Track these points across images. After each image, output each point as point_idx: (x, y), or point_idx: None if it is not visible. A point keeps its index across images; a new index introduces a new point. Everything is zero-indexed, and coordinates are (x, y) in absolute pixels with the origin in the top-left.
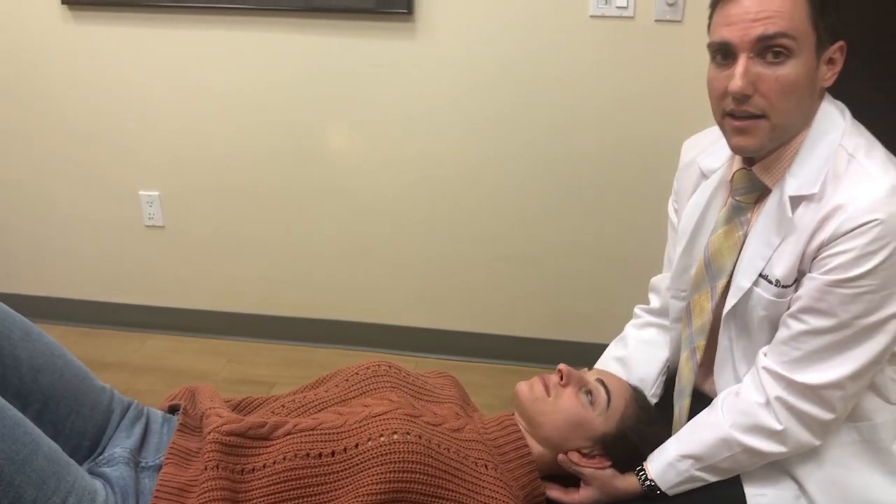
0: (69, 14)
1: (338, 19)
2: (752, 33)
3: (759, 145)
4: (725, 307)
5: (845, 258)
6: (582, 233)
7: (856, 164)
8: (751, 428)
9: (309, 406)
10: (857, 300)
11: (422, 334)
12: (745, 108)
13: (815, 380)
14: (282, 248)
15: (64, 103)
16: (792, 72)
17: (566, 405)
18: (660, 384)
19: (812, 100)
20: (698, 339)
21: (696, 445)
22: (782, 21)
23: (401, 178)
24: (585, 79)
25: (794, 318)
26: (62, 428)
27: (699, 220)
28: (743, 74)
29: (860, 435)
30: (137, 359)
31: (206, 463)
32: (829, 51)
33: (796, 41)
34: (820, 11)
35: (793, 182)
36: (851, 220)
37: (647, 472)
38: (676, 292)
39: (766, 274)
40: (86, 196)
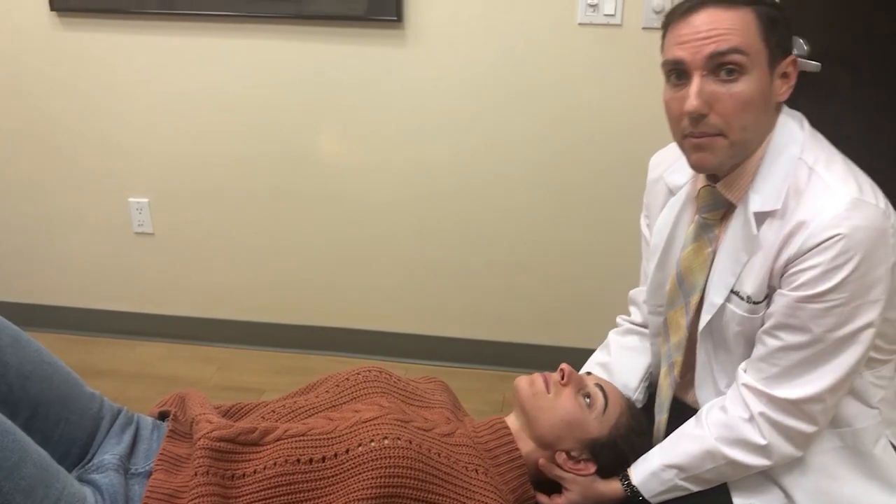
0: (58, 20)
1: (327, 26)
2: (704, 51)
3: (718, 163)
4: (700, 323)
5: (812, 274)
6: (572, 238)
7: (816, 178)
8: (735, 441)
9: (299, 411)
10: (828, 314)
11: (413, 340)
12: (701, 129)
13: (795, 394)
14: (272, 254)
15: (53, 110)
16: (746, 88)
17: (564, 404)
18: (642, 390)
19: (768, 115)
20: (675, 355)
21: (681, 456)
22: (734, 38)
23: (391, 185)
24: (574, 86)
25: (769, 335)
26: (51, 435)
27: (669, 235)
28: (697, 94)
29: (842, 441)
30: (128, 366)
31: (197, 469)
32: (782, 65)
33: (748, 57)
34: (770, 27)
35: (756, 198)
36: (815, 236)
37: (631, 478)
38: (653, 308)
39: (737, 290)
40: (75, 203)
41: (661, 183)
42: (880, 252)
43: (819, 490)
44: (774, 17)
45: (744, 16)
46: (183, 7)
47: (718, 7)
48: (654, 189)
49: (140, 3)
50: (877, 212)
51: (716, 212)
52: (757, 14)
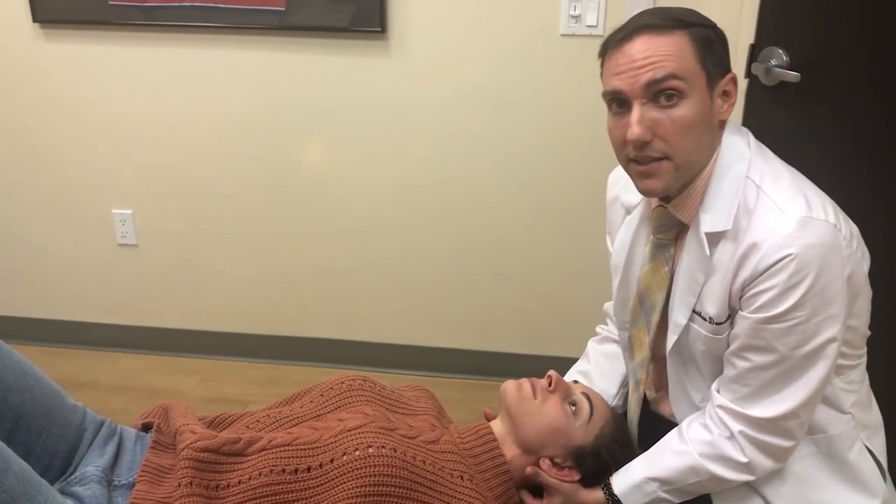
0: (41, 32)
1: (312, 38)
2: (641, 80)
3: (665, 186)
4: (668, 344)
5: (770, 295)
6: (555, 249)
7: (764, 197)
8: (718, 458)
9: (284, 421)
10: (791, 332)
11: (397, 350)
12: (646, 154)
13: (770, 413)
14: (255, 265)
15: (35, 121)
16: (687, 112)
17: (550, 410)
18: (622, 396)
19: (711, 135)
20: (640, 373)
21: (664, 470)
22: (669, 64)
23: (374, 196)
24: (557, 96)
25: (737, 357)
26: (33, 447)
27: (628, 254)
28: (639, 122)
29: (818, 447)
30: (111, 378)
31: (180, 480)
32: (721, 85)
33: (686, 81)
34: (705, 49)
35: (706, 218)
36: (767, 258)
37: (612, 488)
38: (621, 323)
39: (698, 310)
40: (58, 215)
41: (617, 202)
42: (835, 267)
43: (798, 497)
44: (709, 38)
45: (678, 40)
46: (166, 19)
47: (652, 34)
48: (612, 208)
49: (123, 15)
50: (827, 227)
51: (669, 232)
52: (691, 37)
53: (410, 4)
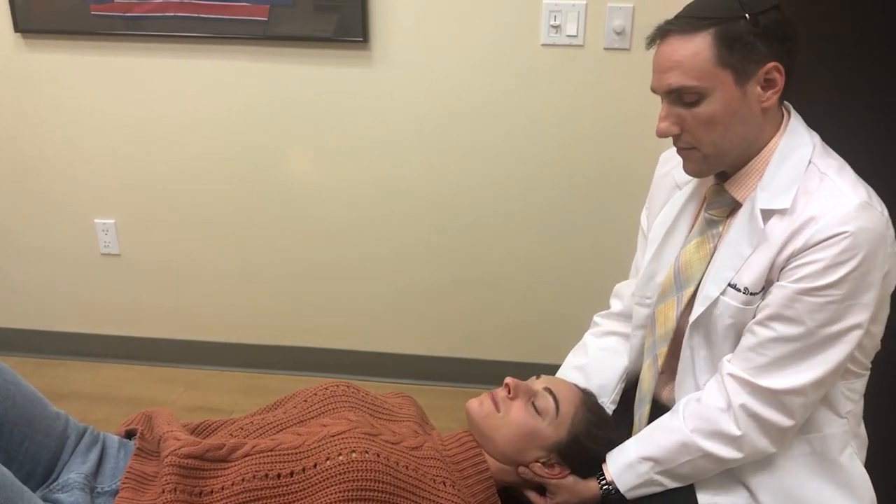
0: (22, 42)
1: (294, 47)
2: (663, 84)
3: (698, 171)
4: (692, 316)
5: (815, 267)
6: (538, 255)
7: (828, 181)
8: (711, 433)
9: (267, 427)
10: (823, 309)
11: (381, 358)
12: (678, 144)
13: (779, 385)
14: (239, 274)
15: (17, 131)
16: (708, 109)
17: (516, 418)
18: (618, 391)
19: (749, 123)
20: (661, 347)
21: (657, 448)
22: (682, 75)
23: (357, 205)
24: (538, 105)
25: (762, 325)
26: (15, 454)
27: (669, 229)
28: (664, 118)
29: (811, 447)
30: (93, 388)
31: (164, 486)
32: (759, 75)
33: (702, 86)
34: (729, 48)
35: (763, 195)
36: (822, 232)
37: (606, 472)
38: (641, 299)
39: (734, 283)
40: (40, 224)
41: (668, 178)
42: (880, 256)
43: (784, 491)
44: (736, 33)
45: (699, 44)
46: (149, 28)
47: (678, 35)
48: (660, 183)
49: (106, 25)
50: (882, 219)
51: (722, 209)
52: (714, 37)
53: (392, 14)
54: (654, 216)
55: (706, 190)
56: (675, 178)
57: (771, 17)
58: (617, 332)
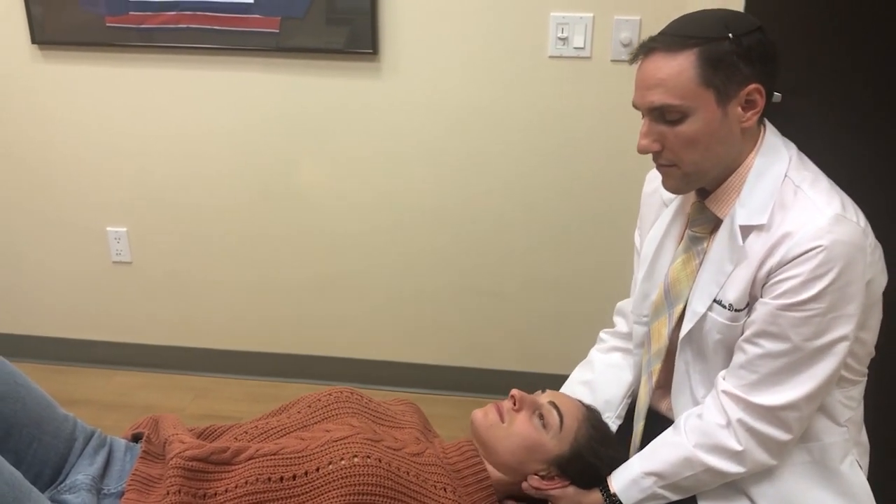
0: (39, 53)
1: (305, 59)
2: (646, 101)
3: (677, 187)
4: (682, 332)
5: (793, 283)
6: (546, 266)
7: (802, 195)
8: (712, 448)
9: (271, 432)
10: (806, 323)
11: (389, 367)
12: (659, 161)
13: (773, 401)
14: (249, 283)
15: (33, 140)
16: (690, 129)
17: (519, 430)
18: (624, 406)
19: (728, 143)
20: (654, 364)
21: (660, 464)
22: (666, 94)
23: (367, 214)
24: (545, 116)
25: (750, 343)
26: (24, 455)
27: (658, 247)
28: (645, 134)
29: (811, 455)
30: (104, 395)
31: (169, 488)
32: (740, 96)
33: (685, 104)
34: (713, 68)
35: (742, 212)
36: (798, 247)
37: (611, 487)
38: (638, 318)
39: (719, 299)
40: (53, 233)
41: (655, 196)
42: (858, 267)
43: (784, 501)
44: (720, 54)
45: (682, 63)
46: (162, 40)
47: (663, 53)
48: (649, 201)
49: (121, 37)
50: (857, 229)
51: (705, 226)
52: (699, 57)
53: (402, 27)
54: (645, 234)
55: (689, 207)
56: (662, 195)
57: (754, 38)
58: (622, 349)
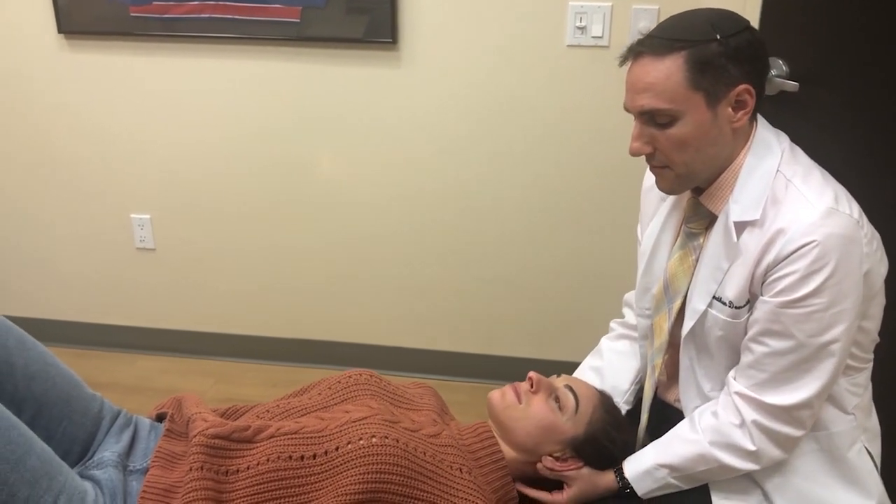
0: (65, 42)
1: (325, 48)
2: (636, 105)
3: (670, 188)
4: (683, 329)
5: (791, 280)
6: (561, 254)
7: (793, 190)
8: (727, 446)
9: (292, 411)
10: (809, 319)
11: (408, 354)
12: (651, 163)
13: (786, 401)
14: (270, 270)
15: (58, 129)
16: (680, 131)
17: (536, 411)
18: (632, 392)
19: (719, 144)
20: (657, 358)
21: (675, 458)
22: (655, 98)
23: (384, 203)
24: (563, 105)
25: (755, 342)
26: (54, 433)
27: (655, 242)
28: (637, 137)
29: (818, 444)
30: (128, 379)
31: (192, 464)
32: (730, 97)
33: (674, 108)
34: (701, 71)
35: (735, 208)
36: (792, 243)
37: (625, 472)
38: (641, 311)
39: (719, 296)
40: (78, 219)
41: (654, 191)
42: (854, 259)
43: (796, 491)
44: (708, 57)
45: (670, 66)
46: (185, 30)
47: (651, 56)
48: (647, 197)
49: (144, 26)
50: (850, 221)
51: (700, 222)
52: (686, 60)
53: (421, 16)
54: (645, 229)
55: (685, 203)
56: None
57: (742, 38)
58: (630, 337)
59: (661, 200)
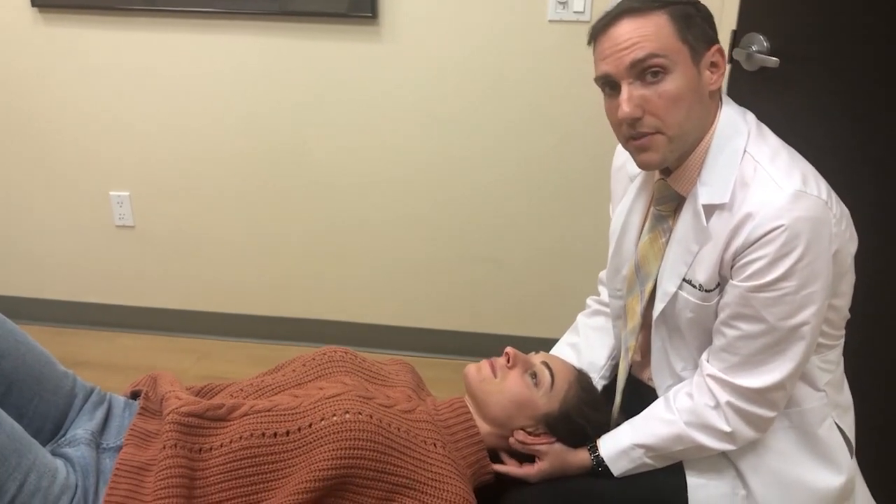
0: (39, 16)
1: (306, 23)
2: (625, 61)
3: (661, 158)
4: (654, 311)
5: (760, 264)
6: (544, 231)
7: (761, 171)
8: (702, 427)
9: (266, 389)
10: (779, 302)
11: (389, 331)
12: (640, 130)
13: (759, 383)
14: (251, 247)
15: (34, 105)
16: (673, 85)
17: (511, 385)
18: (609, 367)
19: (703, 106)
20: (630, 340)
21: (652, 438)
22: (649, 44)
23: (367, 179)
24: (545, 81)
25: (727, 326)
26: (25, 411)
27: (624, 223)
28: (628, 100)
29: (790, 421)
30: (108, 357)
31: (165, 442)
32: (707, 56)
33: (668, 58)
34: (685, 25)
35: (704, 191)
36: (760, 228)
37: (599, 450)
38: (612, 291)
39: (689, 279)
40: (56, 197)
41: (623, 170)
42: (823, 242)
43: (768, 468)
44: (688, 13)
45: (657, 20)
46: (164, 4)
47: (632, 17)
48: (617, 176)
49: (121, 0)
50: (818, 203)
51: (668, 204)
52: (670, 15)
53: None
54: (616, 208)
55: (653, 184)
56: (629, 170)
57: (703, 5)
58: (605, 313)
59: (630, 180)
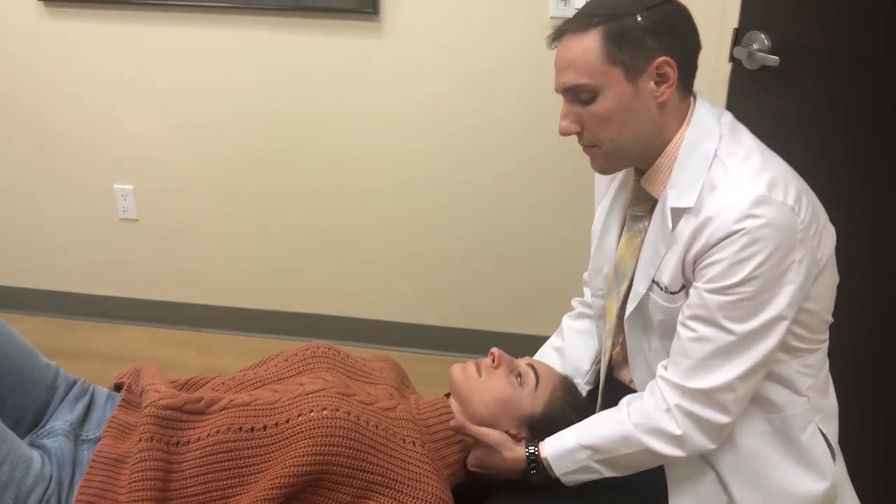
0: (45, 10)
1: (307, 18)
2: (560, 83)
3: (602, 167)
4: (627, 311)
5: (719, 268)
6: (542, 229)
7: (729, 175)
8: (651, 430)
9: (247, 384)
10: (735, 307)
11: (386, 327)
12: (581, 142)
13: (706, 384)
14: (254, 241)
15: (39, 98)
16: (601, 107)
17: (495, 384)
18: (593, 372)
19: (646, 119)
20: (607, 341)
21: (598, 438)
22: (574, 74)
23: (370, 174)
24: (545, 77)
25: (683, 326)
26: (5, 402)
27: (605, 222)
28: (564, 116)
29: (772, 426)
30: (110, 349)
31: (142, 435)
32: (650, 70)
33: (594, 83)
34: (618, 45)
35: (672, 193)
36: (719, 231)
37: (540, 450)
38: (594, 290)
39: (657, 280)
40: (61, 189)
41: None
42: (785, 248)
43: (749, 473)
44: (625, 31)
45: (588, 43)
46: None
47: (570, 35)
48: (599, 175)
49: None
50: (783, 209)
51: (643, 205)
52: (603, 35)
53: None
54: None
55: (630, 185)
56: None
57: (661, 11)
58: (590, 315)
59: (611, 181)
